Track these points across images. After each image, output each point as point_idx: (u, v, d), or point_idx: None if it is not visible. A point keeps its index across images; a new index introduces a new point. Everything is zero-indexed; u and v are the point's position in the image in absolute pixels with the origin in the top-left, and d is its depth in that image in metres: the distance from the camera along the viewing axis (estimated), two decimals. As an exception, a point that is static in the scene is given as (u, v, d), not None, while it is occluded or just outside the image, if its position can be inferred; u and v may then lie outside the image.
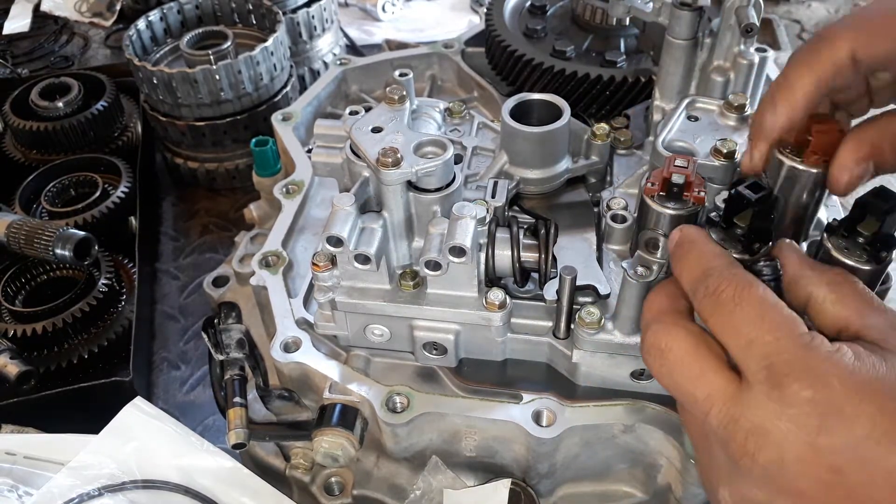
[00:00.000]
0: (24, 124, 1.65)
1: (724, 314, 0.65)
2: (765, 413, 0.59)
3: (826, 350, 0.60)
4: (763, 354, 0.61)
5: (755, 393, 0.60)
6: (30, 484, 1.02)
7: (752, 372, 0.61)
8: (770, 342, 0.61)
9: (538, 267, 0.94)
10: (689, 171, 0.82)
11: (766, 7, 1.73)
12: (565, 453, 0.93)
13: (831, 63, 0.73)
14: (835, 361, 0.59)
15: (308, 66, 1.92)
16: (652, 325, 0.71)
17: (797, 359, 0.59)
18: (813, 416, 0.57)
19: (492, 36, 1.38)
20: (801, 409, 0.58)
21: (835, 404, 0.57)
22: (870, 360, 0.59)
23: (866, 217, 0.72)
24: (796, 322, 0.62)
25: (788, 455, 0.59)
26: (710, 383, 0.64)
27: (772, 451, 0.59)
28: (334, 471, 1.04)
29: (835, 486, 0.57)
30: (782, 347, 0.60)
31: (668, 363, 0.67)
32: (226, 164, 1.73)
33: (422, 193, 0.89)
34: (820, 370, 0.58)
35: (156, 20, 1.73)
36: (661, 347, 0.68)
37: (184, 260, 1.63)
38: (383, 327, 0.97)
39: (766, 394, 0.59)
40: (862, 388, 0.57)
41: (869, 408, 0.56)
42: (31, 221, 1.34)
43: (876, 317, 0.64)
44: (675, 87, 1.14)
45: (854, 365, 0.59)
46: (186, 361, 1.42)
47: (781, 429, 0.59)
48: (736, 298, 0.64)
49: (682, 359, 0.66)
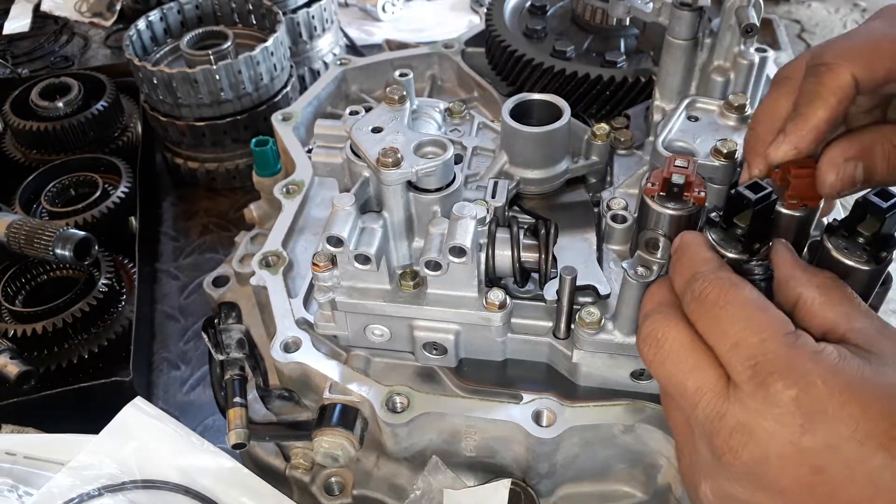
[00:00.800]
0: (24, 124, 1.65)
1: (710, 317, 0.65)
2: (750, 411, 0.60)
3: (811, 349, 0.60)
4: (748, 355, 0.61)
5: (741, 392, 0.61)
6: (30, 484, 1.02)
7: (738, 372, 0.61)
8: (755, 343, 0.61)
9: (538, 267, 0.95)
10: (689, 172, 0.82)
11: (766, 7, 1.73)
12: (565, 453, 0.93)
13: (840, 90, 0.72)
14: (819, 361, 0.59)
15: (308, 66, 1.92)
16: (651, 315, 0.71)
17: (781, 358, 0.60)
18: (796, 416, 0.58)
19: (492, 36, 1.38)
20: (785, 409, 0.58)
21: (818, 404, 0.57)
22: (854, 361, 0.60)
23: (866, 217, 0.72)
24: (782, 322, 0.63)
25: (771, 453, 0.59)
26: (702, 376, 0.64)
27: (755, 449, 0.60)
28: (334, 471, 1.04)
29: (817, 486, 0.58)
30: (767, 348, 0.61)
31: (662, 352, 0.68)
32: (226, 164, 1.73)
33: (422, 193, 0.89)
34: (804, 369, 0.59)
35: (156, 20, 1.73)
36: (657, 337, 0.68)
37: (184, 260, 1.63)
38: (383, 327, 0.97)
39: (751, 393, 0.60)
40: (846, 389, 0.57)
41: (852, 408, 0.57)
42: (31, 221, 1.34)
43: (863, 321, 0.64)
44: (675, 87, 1.14)
45: (838, 365, 0.59)
46: (186, 361, 1.42)
47: (765, 427, 0.59)
48: (721, 301, 0.65)
49: (678, 350, 0.66)
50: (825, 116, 0.72)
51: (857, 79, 0.71)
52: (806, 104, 0.73)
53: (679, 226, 0.85)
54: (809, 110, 0.73)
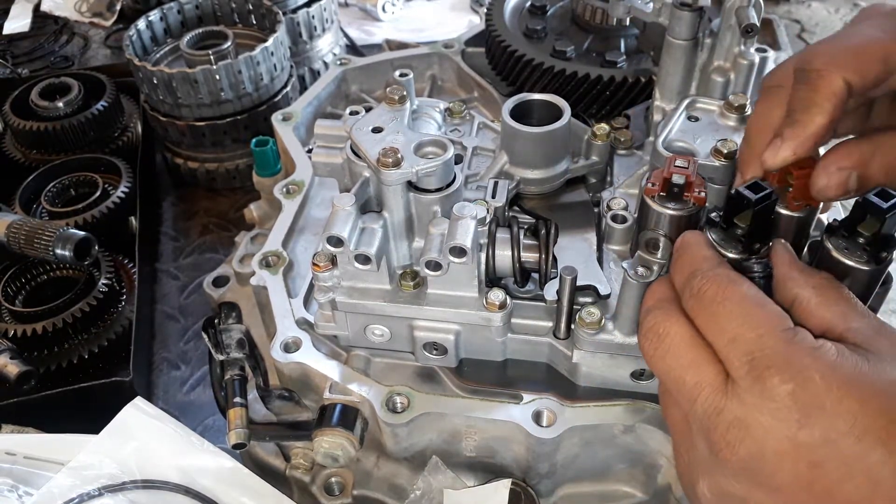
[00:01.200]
0: (24, 124, 1.65)
1: (709, 313, 0.65)
2: (747, 406, 0.60)
3: (809, 345, 0.60)
4: (745, 350, 0.61)
5: (739, 387, 0.61)
6: (30, 484, 1.02)
7: (736, 367, 0.61)
8: (752, 339, 0.61)
9: (538, 267, 0.95)
10: (689, 172, 0.82)
11: (766, 7, 1.73)
12: (565, 453, 0.93)
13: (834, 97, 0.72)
14: (817, 357, 0.59)
15: (308, 66, 1.92)
16: (652, 310, 0.71)
17: (779, 353, 0.60)
18: (794, 411, 0.58)
19: (492, 36, 1.38)
20: (782, 404, 0.58)
21: (816, 399, 0.57)
22: (853, 357, 0.60)
23: (866, 217, 0.71)
24: (780, 317, 0.63)
25: (768, 449, 0.59)
26: (701, 371, 0.64)
27: (752, 444, 0.60)
28: (334, 471, 1.04)
29: (814, 482, 0.58)
30: (764, 343, 0.61)
31: (662, 347, 0.68)
32: (226, 164, 1.73)
33: (422, 193, 0.89)
34: (801, 364, 0.59)
35: (156, 20, 1.73)
36: (658, 332, 0.69)
37: (184, 260, 1.63)
38: (383, 327, 0.97)
39: (749, 388, 0.60)
40: (843, 385, 0.57)
41: (850, 404, 0.57)
42: (31, 221, 1.34)
43: (860, 320, 0.64)
44: (675, 87, 1.14)
45: (837, 361, 0.59)
46: (186, 361, 1.42)
47: (762, 422, 0.59)
48: (719, 297, 0.65)
49: (678, 344, 0.67)
50: (823, 122, 0.72)
51: (849, 84, 0.71)
52: (802, 111, 0.73)
53: (679, 226, 0.84)
54: (807, 117, 0.73)
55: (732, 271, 0.68)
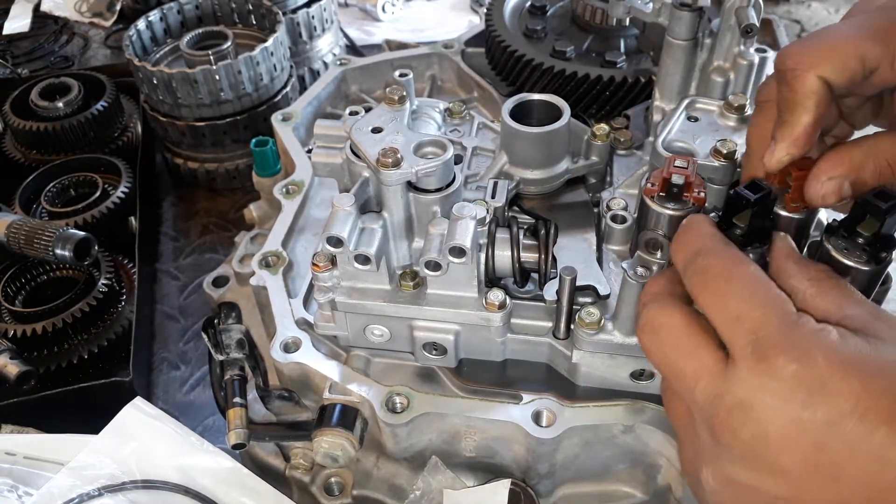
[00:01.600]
0: (24, 124, 1.65)
1: (713, 290, 0.65)
2: (749, 387, 0.60)
3: (812, 328, 0.60)
4: (750, 329, 0.61)
5: (740, 369, 0.60)
6: (30, 484, 1.02)
7: (739, 347, 0.61)
8: (758, 318, 0.61)
9: (538, 267, 0.95)
10: (688, 172, 0.82)
11: (766, 7, 1.73)
12: (565, 453, 0.93)
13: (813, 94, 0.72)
14: (821, 339, 0.59)
15: (308, 67, 1.92)
16: (649, 304, 0.71)
17: (783, 334, 0.60)
18: (797, 391, 0.57)
19: (492, 36, 1.38)
20: (786, 383, 0.58)
21: (819, 379, 0.57)
22: (854, 339, 0.60)
23: (866, 217, 0.72)
24: (785, 301, 0.63)
25: (772, 430, 0.59)
26: (699, 359, 0.64)
27: (755, 425, 0.59)
28: (334, 471, 1.04)
29: (819, 464, 0.57)
30: (769, 322, 0.61)
31: (659, 339, 0.68)
32: (226, 165, 1.73)
33: (422, 194, 0.89)
34: (806, 345, 0.59)
35: (156, 20, 1.73)
36: (655, 324, 0.69)
37: (184, 260, 1.63)
38: (383, 327, 0.97)
39: (751, 368, 0.60)
40: (846, 365, 0.57)
41: (853, 384, 0.57)
42: (31, 221, 1.34)
43: (856, 308, 0.64)
44: (675, 87, 1.14)
45: (839, 342, 0.59)
46: (186, 361, 1.42)
47: (765, 403, 0.59)
48: (725, 274, 0.65)
49: (675, 335, 0.67)
50: (809, 120, 0.73)
51: (826, 81, 0.71)
52: (788, 111, 0.74)
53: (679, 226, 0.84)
54: (793, 117, 0.73)
55: (740, 252, 0.68)
